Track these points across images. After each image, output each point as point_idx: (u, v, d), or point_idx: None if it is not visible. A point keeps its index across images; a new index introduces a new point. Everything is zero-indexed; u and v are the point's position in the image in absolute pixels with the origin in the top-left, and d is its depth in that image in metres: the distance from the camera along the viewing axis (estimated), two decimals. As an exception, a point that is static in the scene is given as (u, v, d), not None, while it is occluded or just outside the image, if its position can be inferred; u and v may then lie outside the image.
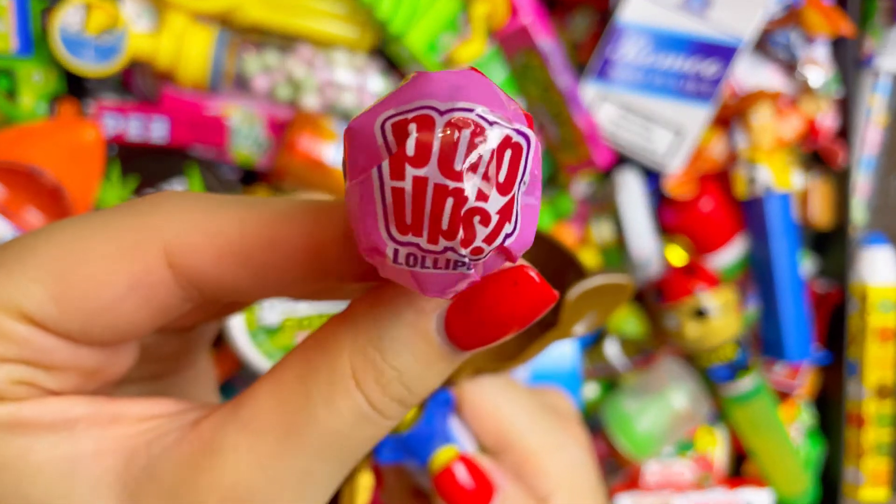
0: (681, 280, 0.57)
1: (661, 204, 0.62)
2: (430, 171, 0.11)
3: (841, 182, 0.62)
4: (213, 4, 0.50)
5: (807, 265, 0.64)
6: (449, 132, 0.11)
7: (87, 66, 0.50)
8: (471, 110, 0.11)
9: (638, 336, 0.62)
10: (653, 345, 0.63)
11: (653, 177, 0.60)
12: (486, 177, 0.11)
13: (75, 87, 0.54)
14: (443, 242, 0.11)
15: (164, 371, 0.19)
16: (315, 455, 0.14)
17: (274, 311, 0.49)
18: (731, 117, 0.59)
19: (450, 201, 0.11)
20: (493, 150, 0.11)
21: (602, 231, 0.59)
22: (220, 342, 0.50)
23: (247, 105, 0.55)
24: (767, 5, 0.55)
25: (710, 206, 0.60)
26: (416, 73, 0.12)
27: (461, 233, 0.11)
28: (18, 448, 0.13)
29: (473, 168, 0.11)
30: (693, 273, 0.58)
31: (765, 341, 0.62)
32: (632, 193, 0.57)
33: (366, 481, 0.26)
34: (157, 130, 0.52)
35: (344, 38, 0.54)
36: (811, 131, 0.61)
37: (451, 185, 0.11)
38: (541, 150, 0.12)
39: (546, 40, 0.54)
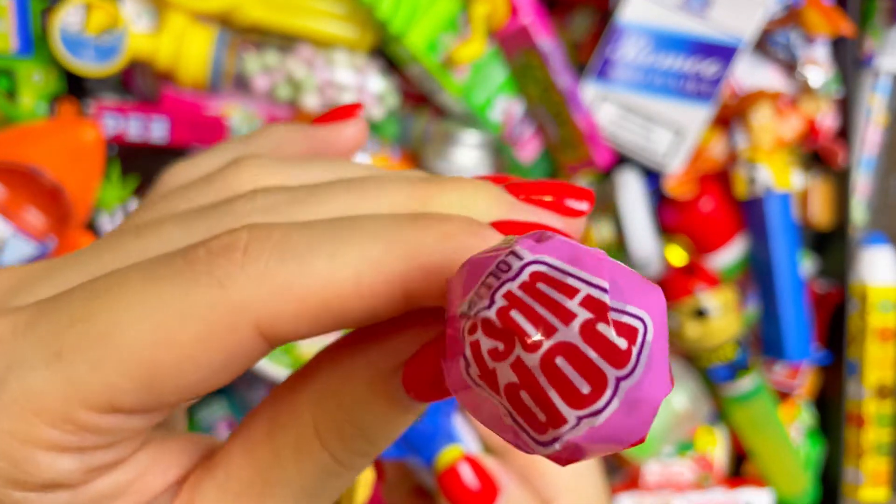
0: (681, 280, 0.57)
1: (661, 204, 0.62)
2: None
3: (841, 182, 0.62)
4: (212, 4, 0.50)
5: (807, 265, 0.64)
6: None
7: (87, 66, 0.50)
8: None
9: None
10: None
11: (653, 177, 0.60)
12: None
13: (75, 88, 0.54)
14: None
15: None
16: None
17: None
18: (731, 117, 0.59)
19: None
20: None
21: (602, 231, 0.59)
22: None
23: (247, 105, 0.55)
24: (767, 5, 0.55)
25: (710, 206, 0.60)
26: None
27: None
28: None
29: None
30: (693, 273, 0.58)
31: (765, 341, 0.62)
32: (632, 193, 0.57)
33: (366, 477, 0.26)
34: (156, 130, 0.52)
35: (344, 38, 0.54)
36: (811, 131, 0.61)
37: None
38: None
39: (546, 40, 0.54)
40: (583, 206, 0.14)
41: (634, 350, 0.10)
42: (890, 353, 0.62)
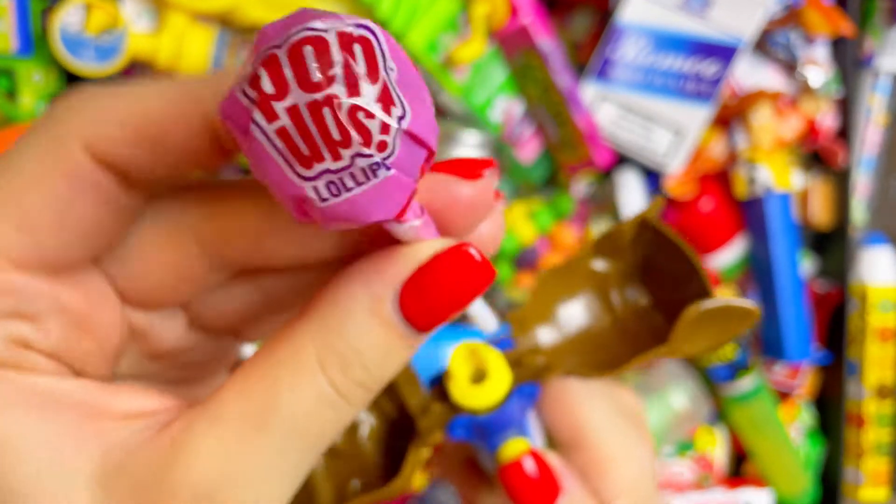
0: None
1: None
2: (296, 96, 0.11)
3: (841, 182, 0.62)
4: (213, 4, 0.51)
5: (806, 265, 0.64)
6: (294, 55, 0.11)
7: (87, 66, 0.50)
8: (305, 30, 0.11)
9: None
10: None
11: (652, 177, 0.60)
12: (347, 75, 0.11)
13: (76, 88, 0.54)
14: (346, 153, 0.11)
15: (188, 378, 0.19)
16: (281, 441, 0.14)
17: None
18: (731, 117, 0.59)
19: (327, 111, 0.11)
20: (339, 49, 0.11)
21: (602, 231, 0.59)
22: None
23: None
24: (767, 5, 0.55)
25: (710, 206, 0.60)
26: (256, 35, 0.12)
27: (354, 134, 0.11)
28: (7, 426, 0.14)
29: (331, 73, 0.11)
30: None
31: (765, 341, 0.62)
32: (632, 193, 0.57)
33: (424, 453, 0.25)
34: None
35: (344, 38, 0.54)
36: (811, 131, 0.61)
37: (319, 96, 0.11)
38: (394, 41, 0.12)
39: (546, 40, 0.54)
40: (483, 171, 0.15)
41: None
42: (890, 353, 0.62)
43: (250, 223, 0.16)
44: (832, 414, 0.64)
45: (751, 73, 0.60)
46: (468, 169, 0.15)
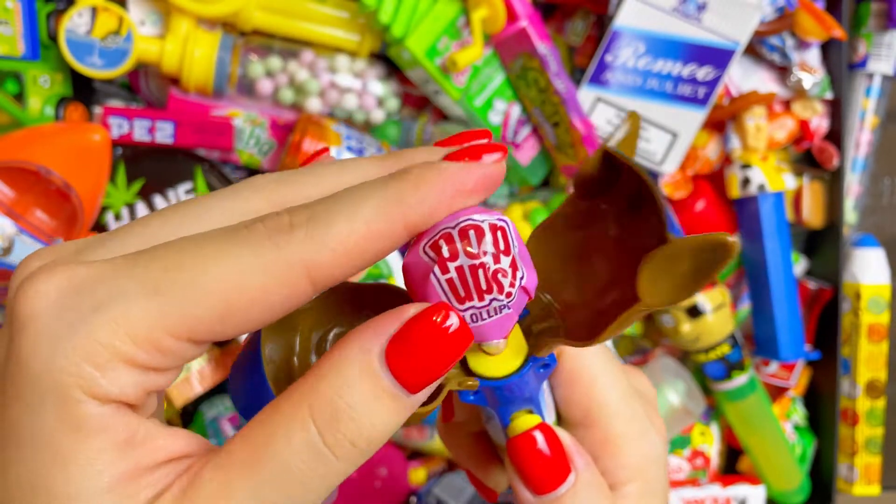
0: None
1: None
2: (462, 260, 0.17)
3: (834, 183, 0.63)
4: (217, 9, 0.51)
5: (798, 265, 0.65)
6: (462, 235, 0.17)
7: (93, 69, 0.51)
8: (468, 220, 0.18)
9: (633, 334, 0.63)
10: (648, 343, 0.64)
11: (648, 178, 0.61)
12: (495, 249, 0.18)
13: (82, 91, 0.55)
14: (487, 297, 0.18)
15: None
16: (269, 486, 0.15)
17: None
18: (725, 119, 0.60)
19: (480, 272, 0.18)
20: (490, 234, 0.18)
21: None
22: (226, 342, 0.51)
23: (250, 108, 0.56)
24: (761, 10, 0.56)
25: (704, 206, 0.61)
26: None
27: (495, 286, 0.18)
28: (90, 450, 0.15)
29: (484, 248, 0.18)
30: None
31: (757, 341, 0.63)
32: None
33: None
34: (162, 133, 0.53)
35: (346, 42, 0.55)
36: (804, 133, 0.62)
37: (477, 262, 0.17)
38: (515, 227, 0.19)
39: (543, 44, 0.55)
40: (495, 156, 0.18)
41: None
42: (881, 352, 0.63)
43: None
44: (824, 411, 0.65)
45: (744, 76, 0.61)
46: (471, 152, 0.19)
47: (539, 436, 0.21)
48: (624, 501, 0.23)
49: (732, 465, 0.67)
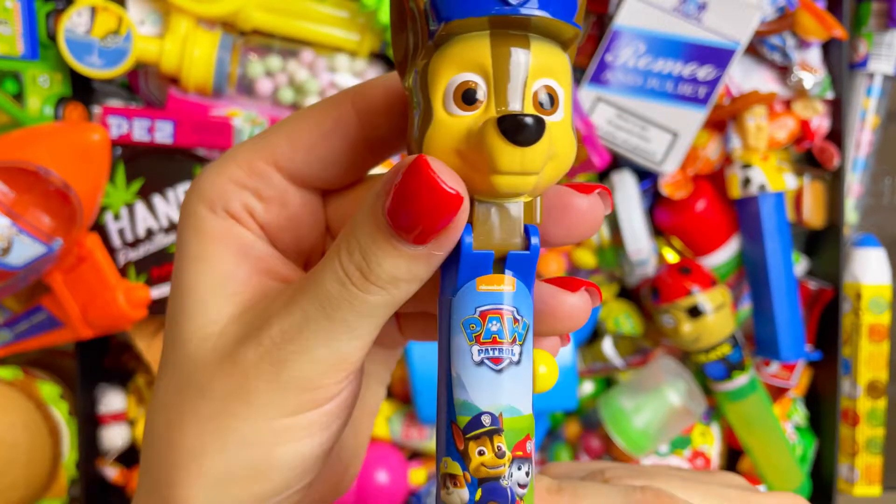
0: (677, 280, 0.58)
1: (656, 204, 0.63)
2: None
3: (834, 183, 0.62)
4: (216, 9, 0.51)
5: (798, 265, 0.65)
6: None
7: (93, 68, 0.51)
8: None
9: (634, 334, 0.63)
10: (649, 343, 0.64)
11: (648, 178, 0.61)
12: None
13: (81, 91, 0.55)
14: None
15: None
16: (313, 304, 0.18)
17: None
18: (725, 119, 0.60)
19: None
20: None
21: (599, 231, 0.60)
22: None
23: (249, 108, 0.56)
24: (762, 9, 0.56)
25: (705, 206, 0.61)
26: None
27: None
28: (207, 248, 0.20)
29: None
30: (689, 273, 0.58)
31: (758, 341, 0.63)
32: (629, 193, 0.58)
33: None
34: (161, 133, 0.53)
35: (345, 42, 0.55)
36: (805, 133, 0.62)
37: None
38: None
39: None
40: None
41: None
42: (882, 352, 0.63)
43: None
44: (824, 411, 0.65)
45: (745, 76, 0.61)
46: (585, 188, 0.20)
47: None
48: None
49: (733, 466, 0.67)
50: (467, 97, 0.17)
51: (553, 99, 0.18)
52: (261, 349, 0.18)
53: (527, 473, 0.18)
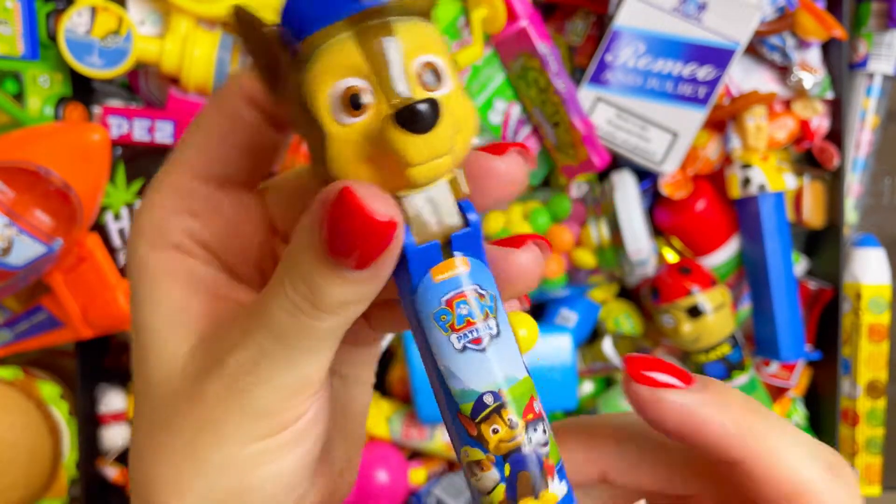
0: (677, 280, 0.58)
1: (656, 204, 0.63)
2: None
3: (834, 183, 0.63)
4: (217, 9, 0.51)
5: (798, 265, 0.65)
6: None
7: (93, 69, 0.51)
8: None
9: (634, 334, 0.63)
10: (649, 343, 0.64)
11: (648, 178, 0.61)
12: None
13: (81, 91, 0.55)
14: None
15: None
16: (264, 330, 0.18)
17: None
18: (725, 119, 0.60)
19: None
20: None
21: (599, 231, 0.60)
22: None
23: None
24: (762, 9, 0.56)
25: (704, 206, 0.61)
26: None
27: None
28: (158, 286, 0.20)
29: None
30: (689, 273, 0.58)
31: (758, 341, 0.63)
32: (629, 193, 0.58)
33: None
34: (161, 133, 0.53)
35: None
36: (804, 133, 0.62)
37: None
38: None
39: (544, 44, 0.55)
40: None
41: None
42: (882, 352, 0.63)
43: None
44: (824, 411, 0.65)
45: (745, 76, 0.61)
46: (499, 148, 0.19)
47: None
48: None
49: (733, 466, 0.67)
50: (354, 102, 0.17)
51: (436, 73, 0.17)
52: (222, 382, 0.18)
53: (544, 431, 0.18)
